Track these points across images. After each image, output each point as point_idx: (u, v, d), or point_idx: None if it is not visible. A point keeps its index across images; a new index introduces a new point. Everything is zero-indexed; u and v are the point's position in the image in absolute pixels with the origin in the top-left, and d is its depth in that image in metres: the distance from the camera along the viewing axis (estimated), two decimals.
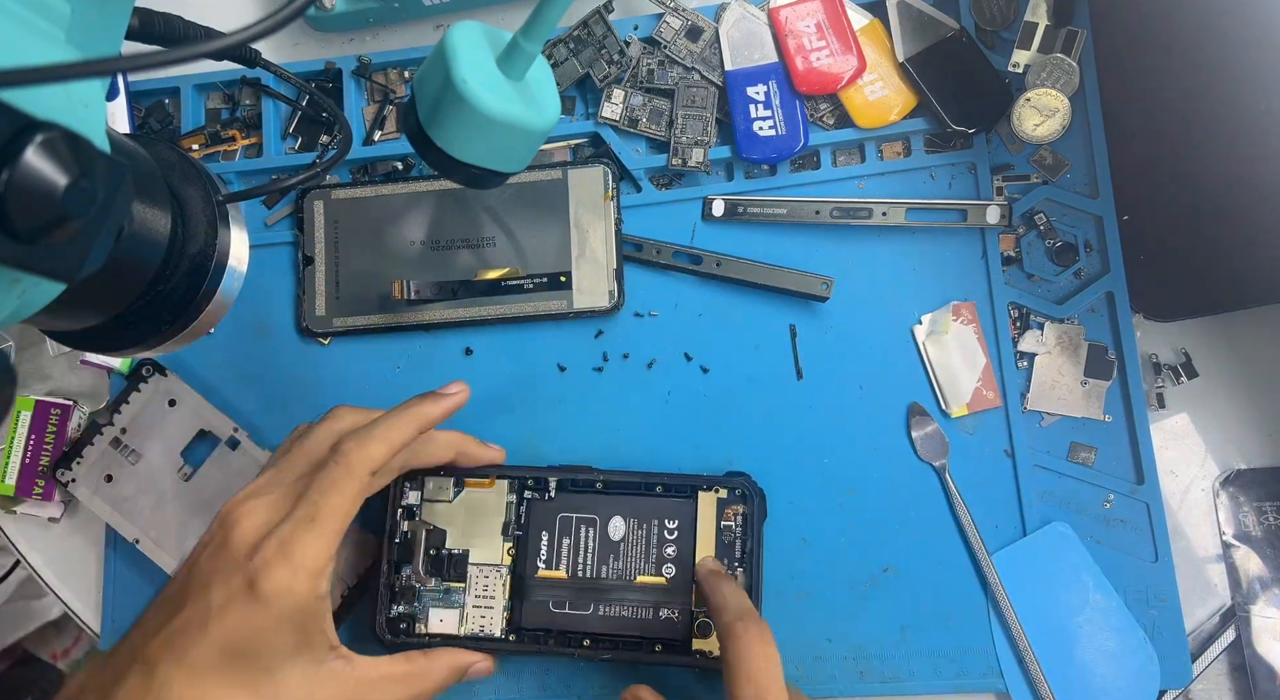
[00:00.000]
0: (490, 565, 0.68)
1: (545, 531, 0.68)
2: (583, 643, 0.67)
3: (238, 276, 0.48)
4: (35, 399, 0.75)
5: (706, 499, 0.68)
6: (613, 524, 0.68)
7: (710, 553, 0.67)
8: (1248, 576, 0.72)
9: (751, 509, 0.67)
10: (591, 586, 0.67)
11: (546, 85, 0.60)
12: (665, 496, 0.68)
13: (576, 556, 0.68)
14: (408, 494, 0.69)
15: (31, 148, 0.29)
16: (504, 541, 0.68)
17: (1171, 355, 0.74)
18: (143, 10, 0.46)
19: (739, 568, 0.67)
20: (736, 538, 0.67)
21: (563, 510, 0.68)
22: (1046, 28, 0.72)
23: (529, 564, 0.68)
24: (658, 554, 0.67)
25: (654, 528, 0.68)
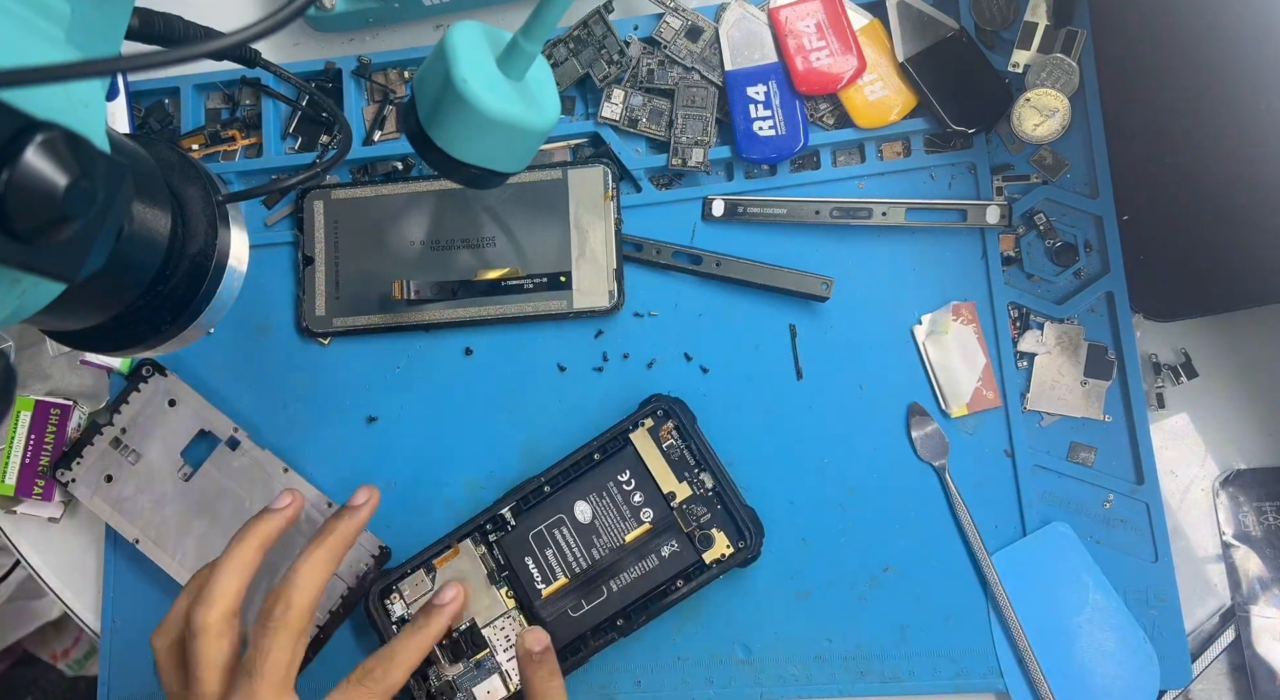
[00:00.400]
0: (500, 617, 0.69)
1: (527, 557, 0.69)
2: (618, 623, 0.68)
3: (238, 276, 0.48)
4: (35, 399, 0.75)
5: (640, 437, 0.70)
6: (578, 511, 0.69)
7: (669, 476, 0.69)
8: (1248, 576, 0.72)
9: (678, 419, 0.69)
10: (594, 573, 0.68)
11: (546, 85, 0.60)
12: (606, 459, 0.70)
13: (566, 558, 0.69)
14: (391, 609, 0.69)
15: (31, 148, 0.29)
16: (497, 589, 0.69)
17: (1171, 355, 0.74)
18: (142, 10, 0.46)
19: (700, 473, 0.69)
20: (683, 449, 0.69)
21: (530, 529, 0.69)
22: (1046, 28, 0.72)
23: (530, 592, 0.69)
24: (629, 507, 0.69)
25: (613, 490, 0.69)
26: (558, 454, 0.72)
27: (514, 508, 0.69)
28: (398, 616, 0.69)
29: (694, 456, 0.69)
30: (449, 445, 0.74)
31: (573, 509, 0.69)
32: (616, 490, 0.69)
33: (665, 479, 0.69)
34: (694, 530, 0.68)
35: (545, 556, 0.69)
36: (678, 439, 0.69)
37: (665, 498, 0.69)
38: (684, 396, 0.72)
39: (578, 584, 0.68)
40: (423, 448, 0.74)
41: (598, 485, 0.69)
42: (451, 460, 0.74)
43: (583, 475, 0.70)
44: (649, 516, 0.69)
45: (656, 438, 0.69)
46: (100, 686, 0.74)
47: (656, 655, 0.71)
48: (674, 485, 0.69)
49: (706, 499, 0.68)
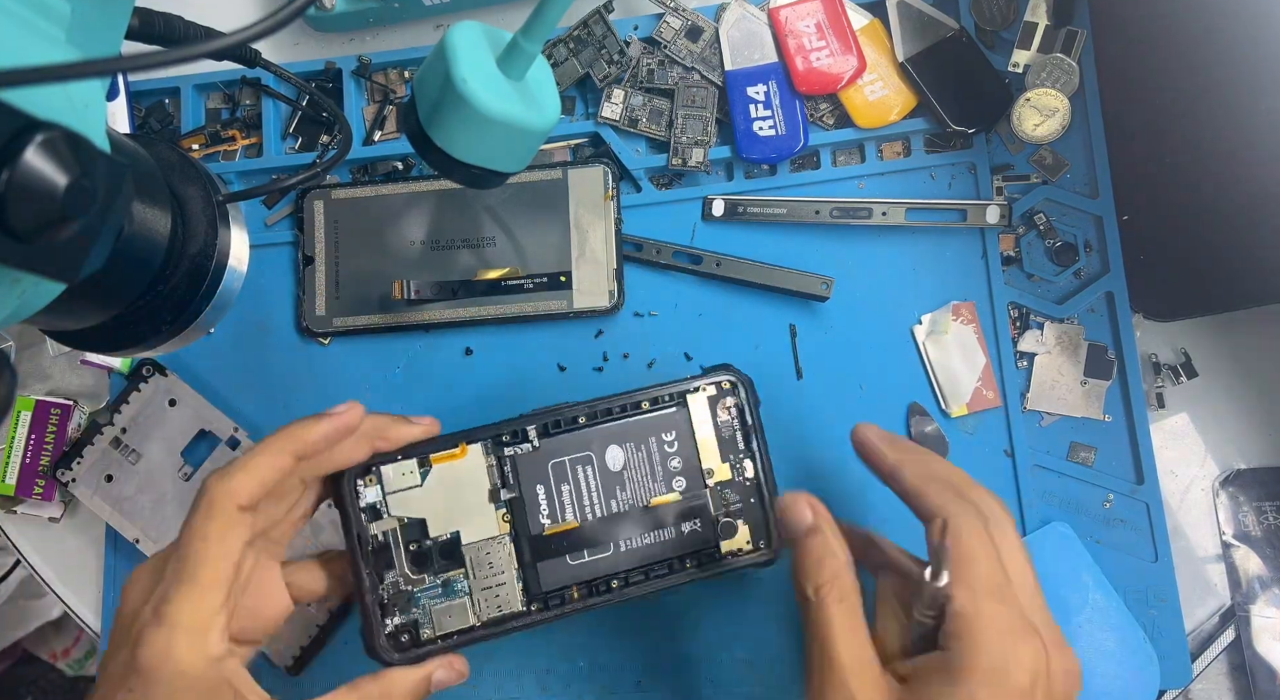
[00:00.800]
0: (487, 539, 0.61)
1: (539, 484, 0.61)
2: (611, 585, 0.61)
3: (238, 276, 0.48)
4: (35, 399, 0.75)
5: (696, 401, 0.63)
6: (609, 454, 0.62)
7: (714, 452, 0.63)
8: (1247, 576, 0.72)
9: (742, 397, 0.63)
10: (607, 525, 0.62)
11: (546, 85, 0.60)
12: (654, 411, 0.63)
13: (581, 500, 0.62)
14: (364, 493, 0.60)
15: (31, 148, 0.29)
16: (495, 509, 0.61)
17: (1171, 355, 0.74)
18: (143, 10, 0.46)
19: (744, 459, 0.63)
20: (736, 430, 0.63)
21: (552, 457, 0.62)
22: (1046, 27, 0.72)
23: (531, 524, 0.61)
24: (663, 470, 0.63)
25: (652, 446, 0.63)
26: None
27: (542, 428, 0.62)
28: (368, 503, 0.59)
29: (744, 440, 0.63)
30: None
31: (605, 451, 0.62)
32: (656, 447, 0.63)
33: (708, 453, 0.63)
34: (720, 515, 0.63)
35: (560, 491, 0.61)
36: (734, 417, 0.63)
37: (703, 473, 0.63)
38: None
39: (586, 531, 0.61)
40: None
41: (638, 435, 0.63)
42: None
43: (626, 418, 0.63)
44: (680, 486, 0.62)
45: (714, 409, 0.63)
46: None
47: (658, 655, 0.71)
48: (715, 463, 0.63)
49: (743, 487, 0.63)
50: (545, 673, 0.71)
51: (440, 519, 0.60)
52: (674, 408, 0.63)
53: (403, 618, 0.59)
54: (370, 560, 0.59)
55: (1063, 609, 0.70)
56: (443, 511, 0.60)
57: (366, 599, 0.58)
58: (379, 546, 0.60)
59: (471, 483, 0.61)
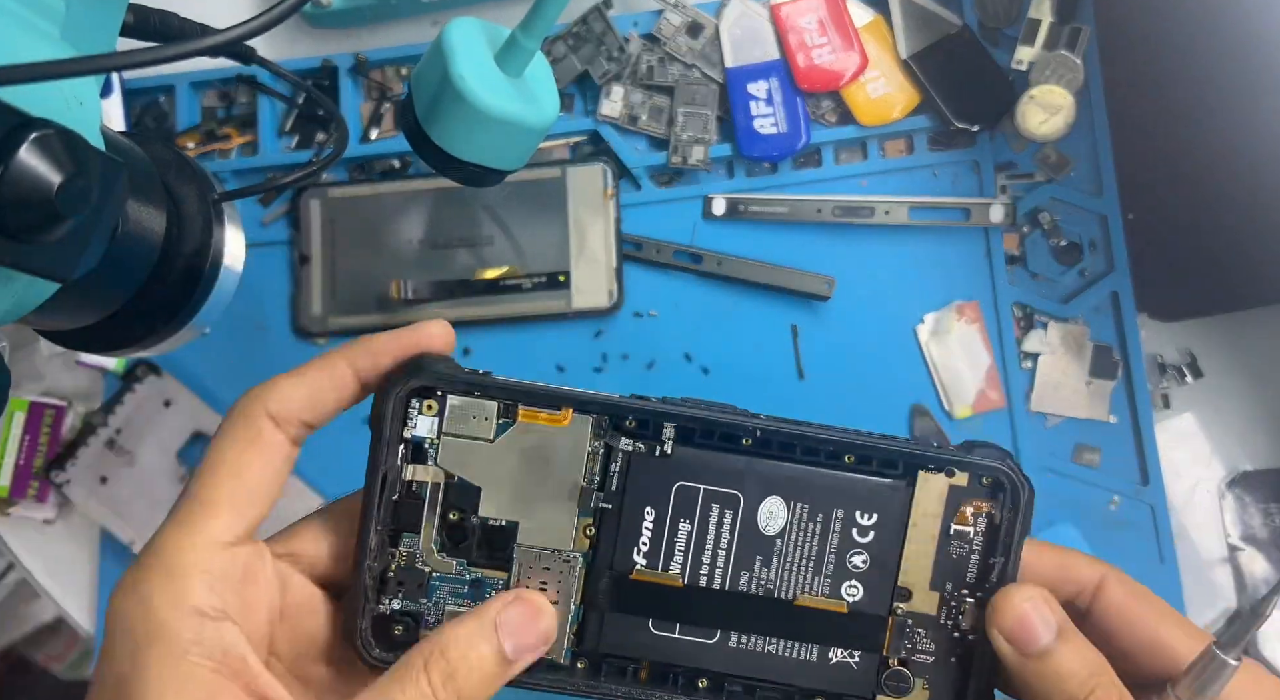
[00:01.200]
0: (552, 551, 0.43)
1: (651, 507, 0.43)
2: (697, 685, 0.43)
3: (233, 276, 0.48)
4: (29, 400, 0.74)
5: (931, 485, 0.42)
6: (766, 508, 0.42)
7: (925, 569, 0.42)
8: (1254, 579, 0.71)
9: (1005, 510, 0.41)
10: (723, 603, 0.42)
11: (545, 82, 0.59)
12: (860, 472, 0.42)
13: (701, 552, 0.42)
14: (415, 419, 0.43)
15: (25, 146, 0.29)
16: (579, 515, 0.43)
17: (1177, 355, 0.73)
18: (138, 7, 0.46)
19: (968, 599, 0.42)
20: (974, 553, 0.42)
21: (683, 477, 0.43)
22: (1050, 24, 0.71)
23: (620, 556, 0.43)
24: (836, 563, 0.42)
25: (834, 521, 0.42)
26: None
27: (684, 429, 0.42)
28: (415, 435, 0.42)
29: (980, 574, 0.42)
30: None
31: (761, 499, 0.42)
32: (839, 526, 0.42)
33: (916, 568, 0.42)
34: (895, 660, 0.42)
35: (676, 528, 0.42)
36: (979, 535, 0.42)
37: (895, 591, 0.42)
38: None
39: (689, 597, 0.42)
40: None
41: (820, 499, 0.42)
42: None
43: (811, 466, 0.42)
44: (854, 595, 0.42)
45: (954, 507, 0.42)
46: None
47: None
48: (920, 585, 0.42)
49: (948, 639, 0.42)
50: None
51: (500, 496, 0.43)
52: (892, 480, 0.43)
53: (404, 603, 0.42)
54: (387, 513, 0.42)
55: None
56: (508, 488, 0.43)
57: (363, 564, 0.41)
58: (407, 498, 0.43)
59: (560, 464, 0.43)
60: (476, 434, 0.43)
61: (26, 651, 1.45)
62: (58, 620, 1.43)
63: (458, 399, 0.43)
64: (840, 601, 0.42)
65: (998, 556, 0.41)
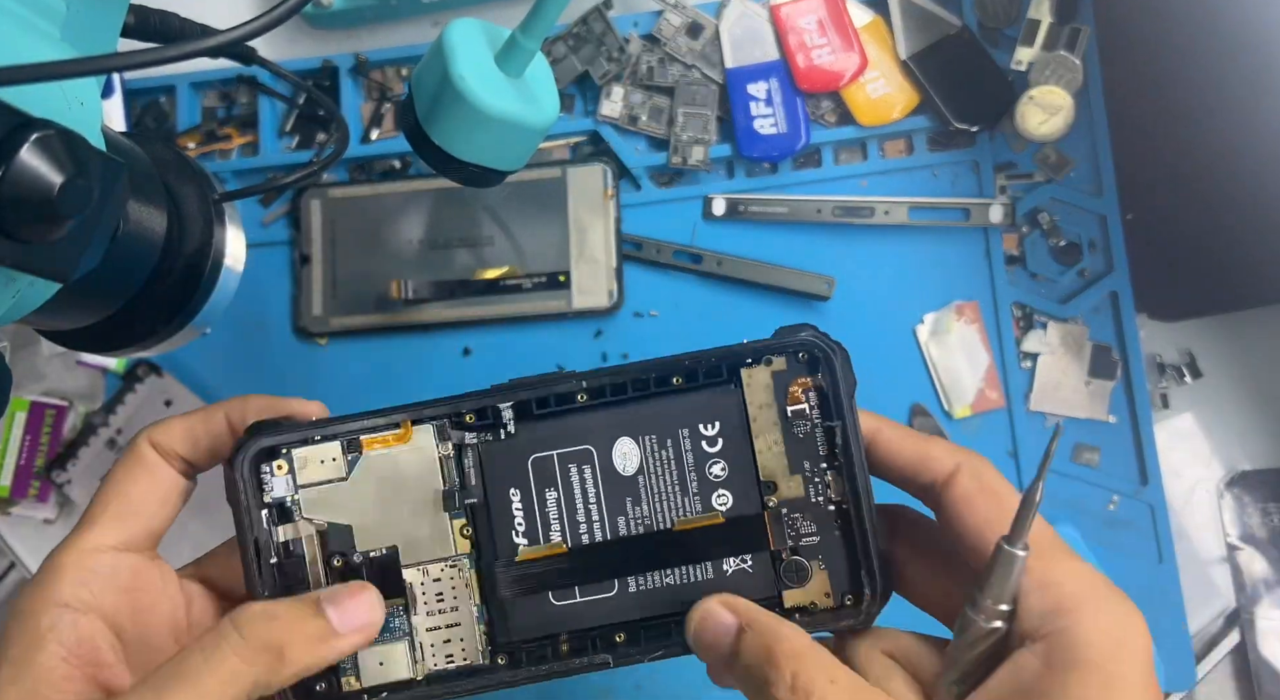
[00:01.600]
0: (438, 561, 0.42)
1: (515, 488, 0.43)
2: (615, 640, 0.43)
3: (234, 276, 0.48)
4: (30, 400, 0.74)
5: (756, 379, 0.43)
6: (618, 451, 0.43)
7: (779, 457, 0.42)
8: (1252, 578, 0.71)
9: (830, 377, 0.42)
10: (611, 553, 0.42)
11: (545, 83, 0.59)
12: (690, 391, 0.43)
13: (574, 515, 0.43)
14: (270, 482, 0.43)
15: (27, 146, 0.29)
16: (451, 519, 0.43)
17: (1176, 355, 0.73)
18: (139, 7, 0.46)
19: (828, 471, 0.42)
20: (816, 425, 0.42)
21: (534, 450, 0.43)
22: (1050, 24, 0.71)
23: (501, 543, 0.42)
24: (699, 479, 0.42)
25: (683, 441, 0.42)
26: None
27: (521, 406, 0.43)
28: (274, 498, 0.42)
29: (829, 444, 0.42)
30: None
31: (612, 445, 0.43)
32: (690, 444, 0.42)
33: (770, 459, 0.42)
34: (785, 551, 0.42)
35: (544, 499, 0.43)
36: (814, 408, 0.42)
37: (761, 486, 0.42)
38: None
39: (579, 560, 0.42)
40: None
41: (663, 425, 0.42)
42: None
43: (645, 400, 0.43)
44: (725, 504, 0.42)
45: (782, 391, 0.42)
46: None
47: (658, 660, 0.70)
48: (780, 473, 0.42)
49: (823, 514, 0.42)
50: None
51: (373, 528, 0.43)
52: (720, 386, 0.43)
53: None
54: (272, 579, 0.42)
55: None
56: (377, 518, 0.43)
57: None
58: (286, 559, 0.42)
59: (418, 479, 0.43)
60: (330, 477, 0.43)
61: None
62: None
63: (301, 450, 0.42)
64: (714, 514, 0.42)
65: (834, 420, 0.42)
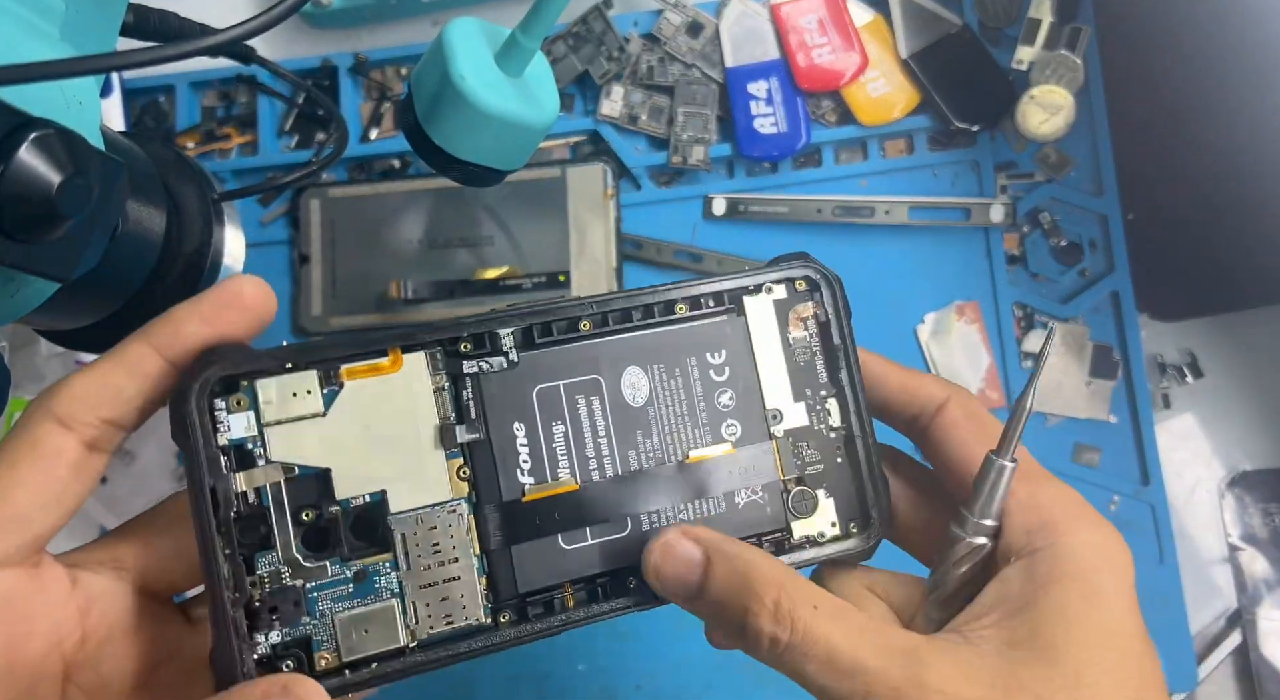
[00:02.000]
0: (431, 507, 0.38)
1: (519, 422, 0.39)
2: (628, 585, 0.40)
3: (233, 275, 0.48)
4: (29, 400, 0.74)
5: (758, 306, 0.42)
6: (627, 381, 0.41)
7: (783, 385, 0.42)
8: (1254, 579, 0.71)
9: (829, 303, 0.43)
10: (623, 489, 0.40)
11: (545, 82, 0.59)
12: (694, 318, 0.42)
13: (583, 449, 0.40)
14: (226, 422, 0.36)
15: (25, 146, 0.29)
16: (447, 458, 0.38)
17: (1177, 355, 0.73)
18: (138, 7, 0.46)
19: (829, 398, 0.42)
20: (816, 354, 0.43)
21: (539, 380, 0.40)
22: (1051, 24, 0.71)
23: (504, 484, 0.39)
24: (708, 408, 0.41)
25: (691, 370, 0.41)
26: None
27: (524, 334, 0.40)
28: (232, 439, 0.36)
29: (829, 369, 0.42)
30: None
31: (620, 374, 0.41)
32: (698, 373, 0.41)
33: (776, 387, 0.42)
34: (791, 482, 0.42)
35: (551, 433, 0.40)
36: (814, 335, 0.43)
37: (767, 415, 0.42)
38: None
39: (590, 498, 0.40)
40: None
41: (671, 354, 0.41)
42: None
43: (653, 327, 0.41)
44: (734, 434, 0.41)
45: (783, 320, 0.42)
46: None
47: (658, 660, 0.70)
48: (785, 401, 0.42)
49: (826, 441, 0.42)
50: (543, 678, 0.70)
51: (354, 471, 0.37)
52: (725, 315, 0.42)
53: (285, 632, 0.36)
54: (232, 536, 0.36)
55: None
56: (359, 459, 0.38)
57: (222, 599, 0.35)
58: (248, 513, 0.36)
59: (408, 414, 0.38)
60: (303, 412, 0.37)
61: None
62: None
63: (268, 381, 0.36)
64: (725, 443, 0.41)
65: (831, 343, 0.42)
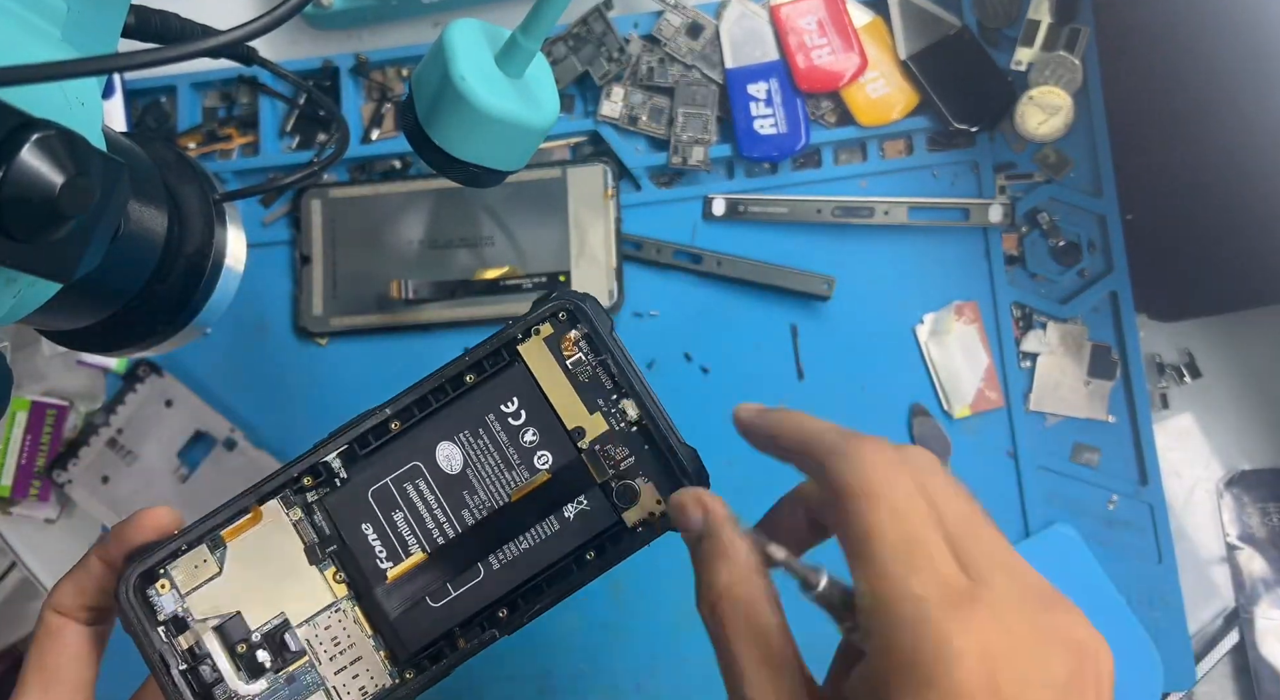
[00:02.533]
0: (324, 612, 0.46)
1: (366, 524, 0.47)
2: (499, 615, 0.47)
3: (234, 276, 0.48)
4: (31, 400, 0.74)
5: (533, 350, 0.48)
6: (441, 456, 0.48)
7: (576, 405, 0.48)
8: (1252, 578, 0.71)
9: (589, 324, 0.47)
10: (465, 545, 0.47)
11: (546, 83, 0.59)
12: (484, 381, 0.48)
13: (423, 524, 0.47)
14: (159, 601, 0.45)
15: (27, 146, 0.29)
16: (321, 570, 0.47)
17: (1175, 355, 0.73)
18: (139, 8, 0.46)
19: (620, 399, 0.47)
20: (594, 367, 0.48)
21: (370, 483, 0.47)
22: (1049, 25, 0.71)
23: (371, 573, 0.47)
24: (518, 451, 0.48)
25: (494, 426, 0.48)
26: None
27: (345, 453, 0.47)
28: (168, 614, 0.45)
29: (611, 377, 0.48)
30: None
31: (434, 453, 0.48)
32: (499, 426, 0.48)
33: (570, 409, 0.48)
34: (611, 480, 0.47)
35: (393, 521, 0.47)
36: (588, 353, 0.48)
37: (570, 435, 0.48)
38: (684, 396, 0.72)
39: (441, 561, 0.47)
40: None
41: (471, 419, 0.48)
42: None
43: (448, 405, 0.48)
44: (546, 462, 0.47)
45: (557, 351, 0.48)
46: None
47: (656, 659, 0.70)
48: (583, 418, 0.48)
49: (629, 437, 0.48)
50: (545, 676, 0.70)
51: (259, 605, 0.46)
52: (507, 369, 0.48)
53: None
54: (190, 684, 0.45)
55: None
56: (259, 594, 0.46)
57: None
58: (196, 663, 0.45)
59: (281, 548, 0.47)
60: (208, 576, 0.46)
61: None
62: None
63: (177, 563, 0.46)
64: (541, 474, 0.47)
65: (602, 355, 0.47)
